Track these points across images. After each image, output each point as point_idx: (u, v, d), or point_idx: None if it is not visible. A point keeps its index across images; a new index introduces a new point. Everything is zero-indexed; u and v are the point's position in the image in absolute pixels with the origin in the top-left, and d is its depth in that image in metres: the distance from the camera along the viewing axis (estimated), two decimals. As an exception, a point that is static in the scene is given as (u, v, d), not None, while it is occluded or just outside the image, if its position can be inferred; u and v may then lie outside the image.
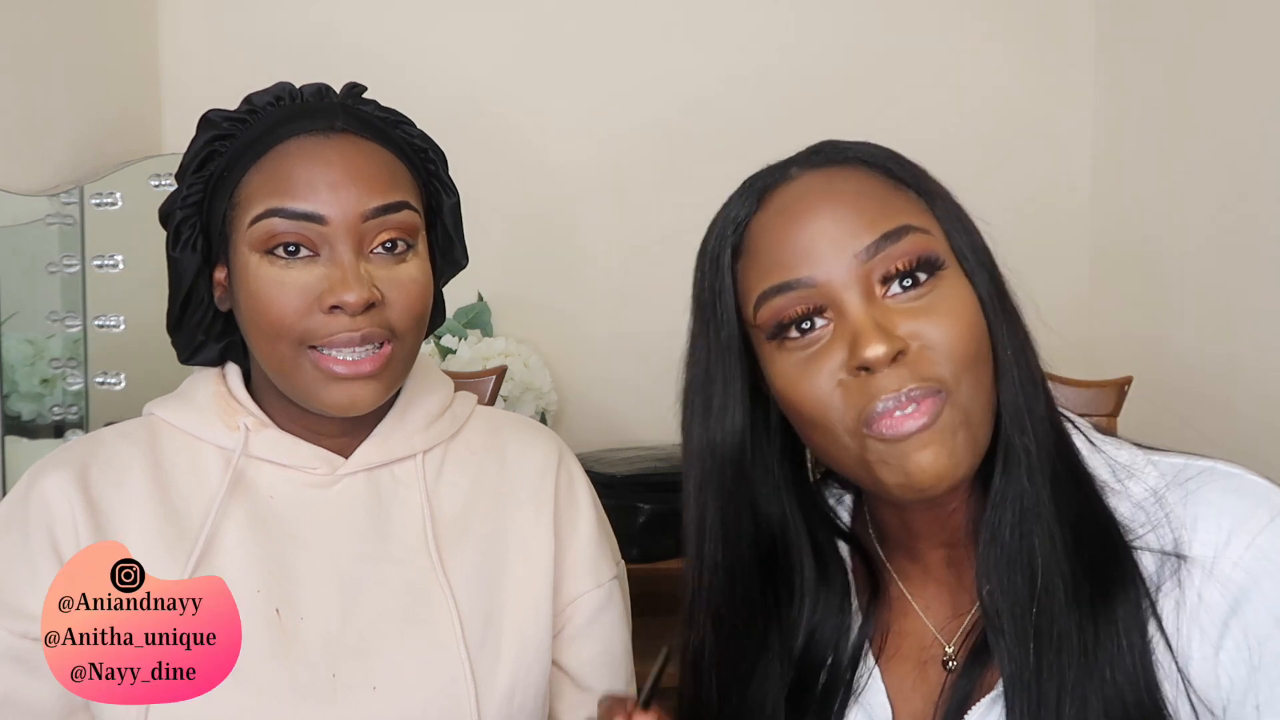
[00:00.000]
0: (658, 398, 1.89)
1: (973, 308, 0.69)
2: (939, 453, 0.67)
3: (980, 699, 0.70)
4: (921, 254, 0.69)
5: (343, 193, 0.80)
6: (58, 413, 1.41)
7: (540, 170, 1.82)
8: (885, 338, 0.66)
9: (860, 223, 0.69)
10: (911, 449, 0.66)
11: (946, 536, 0.75)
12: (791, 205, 0.72)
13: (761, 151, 2.10)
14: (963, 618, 0.75)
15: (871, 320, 0.67)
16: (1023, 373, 0.70)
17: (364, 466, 0.88)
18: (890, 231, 0.69)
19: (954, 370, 0.67)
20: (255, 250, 0.81)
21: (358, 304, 0.79)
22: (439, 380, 0.96)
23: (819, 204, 0.71)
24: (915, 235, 0.69)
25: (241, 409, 0.88)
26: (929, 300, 0.68)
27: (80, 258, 1.43)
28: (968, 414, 0.68)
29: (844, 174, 0.73)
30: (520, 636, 0.87)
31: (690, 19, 1.83)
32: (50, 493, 0.83)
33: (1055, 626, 0.67)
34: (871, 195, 0.71)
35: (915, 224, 0.70)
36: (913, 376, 0.66)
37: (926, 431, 0.66)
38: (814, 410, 0.69)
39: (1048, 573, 0.68)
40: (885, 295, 0.69)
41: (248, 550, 0.83)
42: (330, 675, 0.81)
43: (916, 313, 0.68)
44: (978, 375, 0.68)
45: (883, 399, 0.66)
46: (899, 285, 0.69)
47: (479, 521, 0.90)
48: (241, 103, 0.86)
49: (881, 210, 0.70)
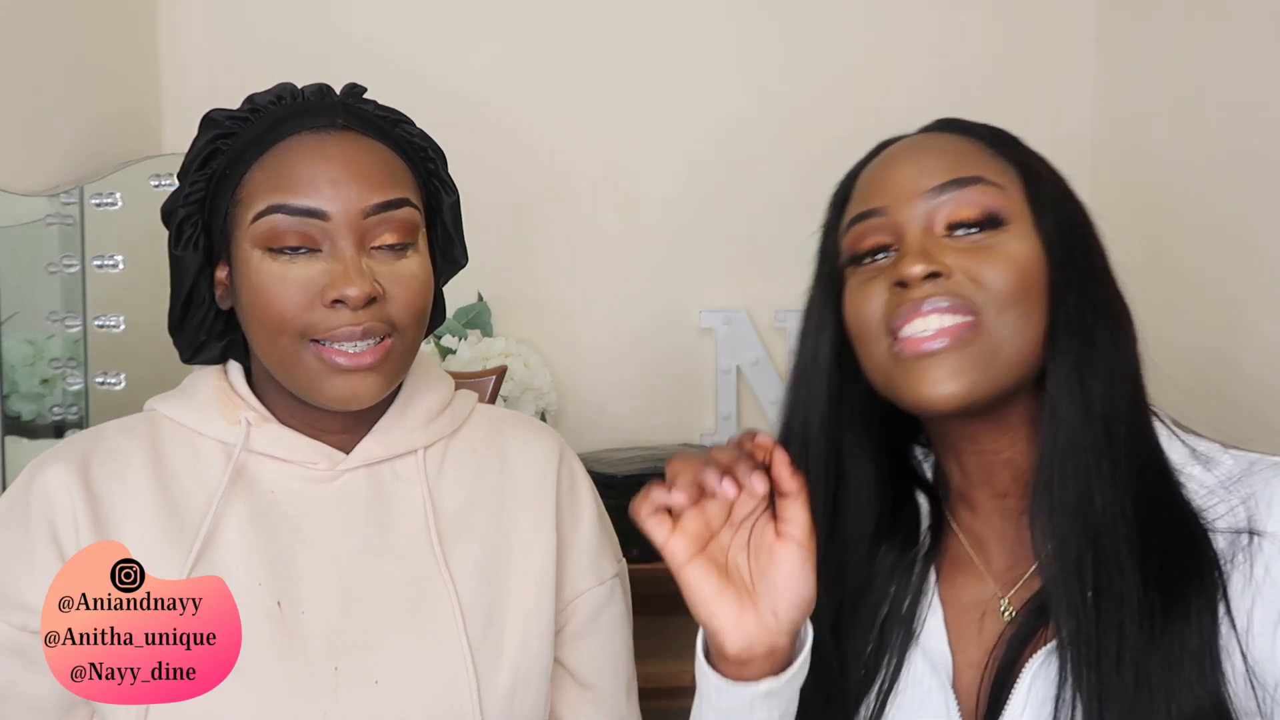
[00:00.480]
0: (658, 398, 1.89)
1: (1031, 263, 0.74)
2: (951, 374, 0.72)
3: (1036, 651, 0.73)
4: (988, 206, 0.75)
5: (344, 189, 0.81)
6: (58, 413, 1.41)
7: (541, 170, 1.82)
8: (926, 259, 0.73)
9: (937, 168, 0.76)
10: (928, 367, 0.72)
11: (1002, 486, 0.79)
12: (890, 155, 0.81)
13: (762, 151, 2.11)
14: (1021, 570, 0.78)
15: (920, 245, 0.74)
16: (1084, 339, 0.74)
17: (365, 462, 0.88)
18: (962, 178, 0.76)
19: (988, 300, 0.73)
20: (257, 246, 0.82)
21: (359, 298, 0.80)
22: (439, 377, 0.96)
23: (909, 152, 0.80)
24: (985, 187, 0.76)
25: (243, 404, 0.88)
26: (983, 245, 0.75)
27: (80, 258, 1.43)
28: (999, 347, 0.73)
29: (945, 136, 0.81)
30: (522, 632, 0.87)
31: (691, 19, 1.83)
32: (51, 486, 0.83)
33: (1116, 588, 0.70)
34: (958, 152, 0.78)
35: (990, 179, 0.76)
36: (943, 292, 0.73)
37: (946, 354, 0.72)
38: (859, 322, 0.77)
39: (1106, 535, 0.71)
40: (945, 235, 0.75)
41: (249, 544, 0.84)
42: (332, 669, 0.81)
43: (967, 251, 0.74)
44: (1020, 315, 0.73)
45: (908, 304, 0.73)
46: (961, 230, 0.75)
47: (481, 517, 0.90)
48: (243, 102, 0.87)
49: (960, 162, 0.77)
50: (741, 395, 1.84)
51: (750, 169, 1.84)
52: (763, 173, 1.84)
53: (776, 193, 1.84)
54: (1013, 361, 0.73)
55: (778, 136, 1.84)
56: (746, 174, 1.84)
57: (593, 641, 0.93)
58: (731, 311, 1.82)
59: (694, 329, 1.84)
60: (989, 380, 0.73)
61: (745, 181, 1.84)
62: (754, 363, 1.81)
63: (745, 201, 1.84)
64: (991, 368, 0.72)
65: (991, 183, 0.76)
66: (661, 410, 1.84)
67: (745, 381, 1.83)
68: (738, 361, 1.82)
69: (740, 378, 1.83)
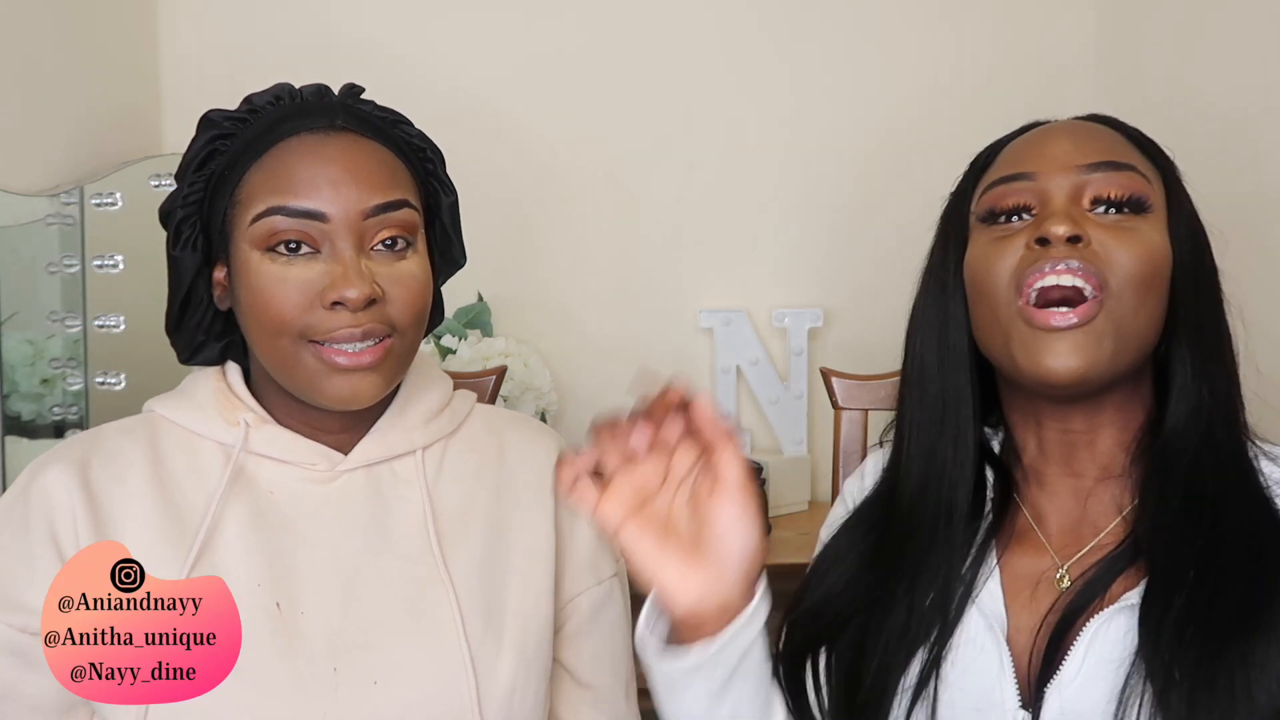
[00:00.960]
0: (658, 397, 1.89)
1: (1162, 255, 0.78)
2: (1074, 349, 0.75)
3: (1095, 615, 0.75)
4: (1135, 191, 0.78)
5: (344, 190, 0.81)
6: (58, 413, 1.41)
7: (541, 170, 1.82)
8: (1070, 222, 0.76)
9: (1092, 148, 0.79)
10: (1055, 340, 0.75)
11: (1078, 466, 0.82)
12: (1046, 130, 0.84)
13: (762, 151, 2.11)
14: (1082, 545, 0.80)
15: (1066, 210, 0.77)
16: (1206, 338, 0.79)
17: (364, 463, 0.88)
18: (1117, 162, 0.79)
19: (1119, 279, 0.75)
20: (256, 248, 0.82)
21: (359, 300, 0.80)
22: (438, 377, 0.96)
23: (1066, 130, 0.83)
24: (1135, 174, 0.79)
25: (241, 405, 0.88)
26: (1123, 226, 0.77)
27: (80, 258, 1.43)
28: (1119, 327, 0.75)
29: (1099, 126, 0.84)
30: (522, 632, 0.87)
31: (691, 18, 1.83)
32: (51, 487, 0.83)
33: (1216, 566, 0.72)
34: (1113, 140, 0.81)
35: (1140, 170, 0.79)
36: (1079, 257, 0.75)
37: (1075, 331, 0.74)
38: (984, 278, 0.79)
39: (1220, 514, 0.74)
40: (1089, 209, 0.78)
41: (248, 545, 0.84)
42: (331, 670, 0.81)
43: (1108, 228, 0.77)
44: (1144, 300, 0.76)
45: (1045, 260, 0.75)
46: (1104, 208, 0.78)
47: (480, 517, 0.90)
48: (242, 103, 0.87)
49: (1114, 148, 0.80)
50: (741, 395, 1.84)
51: (750, 169, 1.84)
52: (763, 173, 1.84)
53: (777, 193, 1.84)
54: (1131, 346, 0.76)
55: (778, 136, 1.84)
56: (746, 174, 1.84)
57: (592, 641, 0.93)
58: (731, 311, 1.82)
59: (693, 329, 1.84)
60: (1108, 360, 0.75)
61: (745, 181, 1.84)
62: (753, 363, 1.81)
63: (745, 201, 1.85)
64: (1111, 348, 0.75)
65: (1141, 174, 0.79)
66: (661, 410, 1.84)
67: (744, 381, 1.83)
68: (737, 361, 1.82)
69: (740, 377, 1.83)
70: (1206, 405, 0.78)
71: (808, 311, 1.81)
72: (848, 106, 1.84)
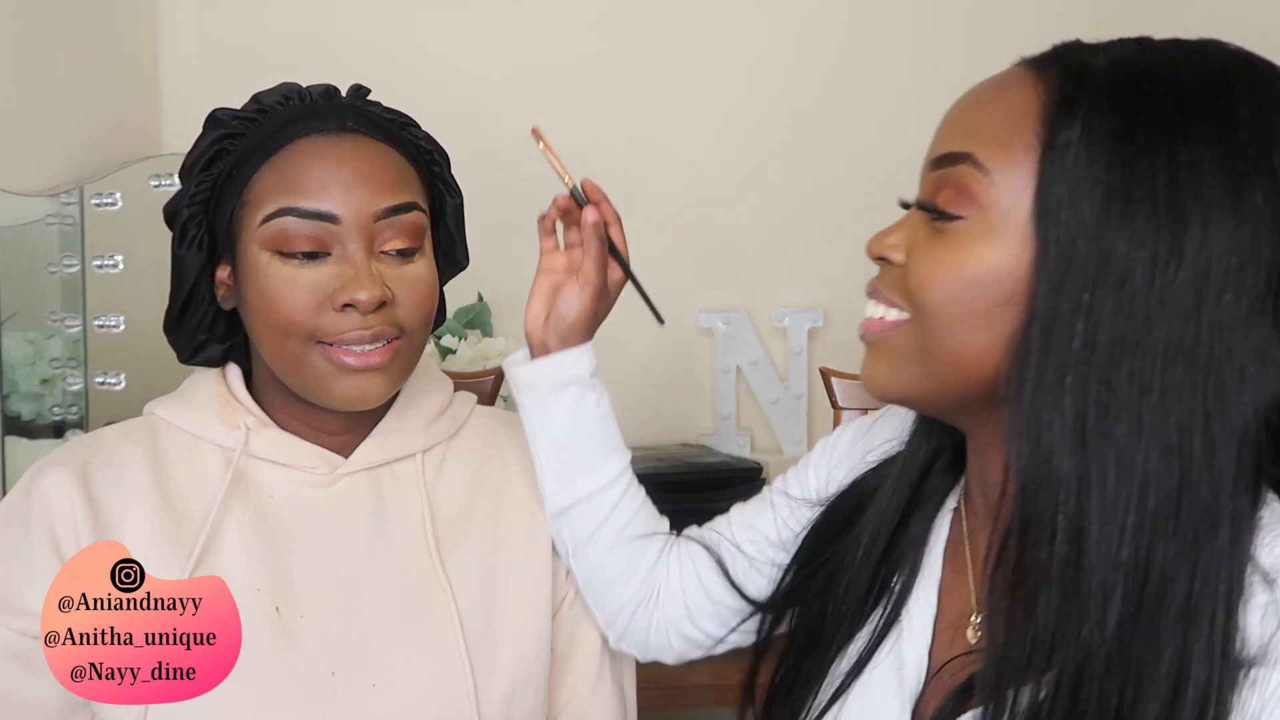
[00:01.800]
0: (657, 398, 1.89)
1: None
2: (876, 363, 0.70)
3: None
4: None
5: (355, 192, 0.81)
6: (58, 413, 1.41)
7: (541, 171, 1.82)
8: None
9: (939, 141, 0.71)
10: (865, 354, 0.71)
11: (975, 494, 0.73)
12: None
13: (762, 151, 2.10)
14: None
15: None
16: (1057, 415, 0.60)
17: (364, 466, 0.88)
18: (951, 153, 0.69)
19: (915, 301, 0.66)
20: (266, 248, 0.81)
21: (370, 302, 0.80)
22: (439, 380, 0.96)
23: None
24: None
25: (242, 408, 0.88)
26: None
27: (80, 258, 1.43)
28: (926, 346, 0.66)
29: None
30: (519, 634, 0.87)
31: (690, 18, 1.83)
32: (51, 490, 0.83)
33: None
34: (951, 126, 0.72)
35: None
36: (878, 288, 0.70)
37: (872, 342, 0.70)
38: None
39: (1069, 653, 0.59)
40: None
41: (248, 549, 0.84)
42: (330, 673, 0.81)
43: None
44: (954, 334, 0.64)
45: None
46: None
47: (479, 520, 0.90)
48: (249, 102, 0.86)
49: (948, 140, 0.69)
50: (741, 395, 1.84)
51: (751, 169, 1.84)
52: (763, 172, 1.84)
53: (777, 193, 1.84)
54: (945, 369, 0.68)
55: (778, 136, 1.84)
56: (747, 174, 1.84)
57: (568, 619, 0.93)
58: (731, 311, 1.82)
59: (694, 329, 1.84)
60: (915, 384, 0.70)
61: (745, 181, 1.84)
62: (753, 363, 1.81)
63: (745, 201, 1.84)
64: (918, 369, 0.69)
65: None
66: (661, 410, 1.84)
67: (745, 381, 1.83)
68: (737, 361, 1.82)
69: (740, 378, 1.83)
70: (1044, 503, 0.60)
71: (808, 311, 1.81)
72: (848, 106, 1.84)
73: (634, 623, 0.92)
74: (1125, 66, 0.62)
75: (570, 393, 0.89)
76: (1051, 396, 0.60)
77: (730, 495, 0.97)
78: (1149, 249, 0.58)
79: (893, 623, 0.75)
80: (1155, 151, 0.58)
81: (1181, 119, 0.59)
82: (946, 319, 0.64)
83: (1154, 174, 0.58)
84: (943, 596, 0.74)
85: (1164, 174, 0.58)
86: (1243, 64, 0.63)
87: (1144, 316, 0.58)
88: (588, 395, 0.90)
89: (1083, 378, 0.59)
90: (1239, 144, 0.58)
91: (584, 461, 0.90)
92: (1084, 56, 0.64)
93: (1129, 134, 0.59)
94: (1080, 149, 0.60)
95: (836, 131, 1.84)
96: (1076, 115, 0.60)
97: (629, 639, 0.93)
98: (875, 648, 0.75)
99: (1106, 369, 0.58)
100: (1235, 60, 0.63)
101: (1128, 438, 0.58)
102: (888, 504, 0.77)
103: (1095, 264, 0.59)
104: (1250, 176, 0.58)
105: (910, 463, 0.78)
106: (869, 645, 0.75)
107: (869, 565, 0.76)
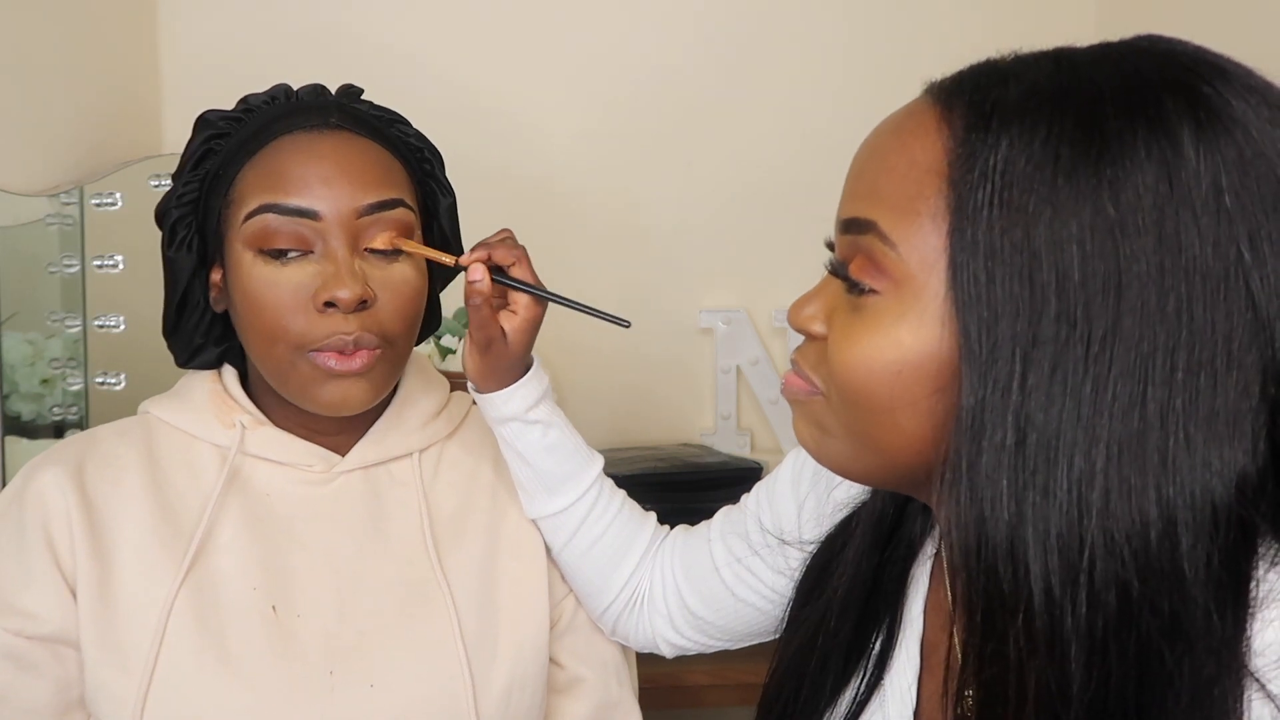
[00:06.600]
0: (657, 397, 1.89)
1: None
2: (804, 426, 0.63)
3: None
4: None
5: (336, 188, 0.80)
6: (58, 413, 1.41)
7: (540, 169, 1.82)
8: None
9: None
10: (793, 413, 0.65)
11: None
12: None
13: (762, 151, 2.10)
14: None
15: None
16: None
17: (361, 465, 0.88)
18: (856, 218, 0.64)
19: (837, 384, 0.59)
20: (249, 247, 0.81)
21: (351, 300, 0.79)
22: (436, 380, 0.96)
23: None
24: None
25: (237, 407, 0.88)
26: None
27: (80, 258, 1.43)
28: (847, 427, 0.60)
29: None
30: (517, 633, 0.87)
31: (690, 18, 1.83)
32: (46, 490, 0.83)
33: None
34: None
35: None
36: (798, 363, 0.65)
37: (793, 402, 0.64)
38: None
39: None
40: None
41: (244, 547, 0.83)
42: (327, 672, 0.81)
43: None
44: (878, 422, 0.58)
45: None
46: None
47: (476, 520, 0.90)
48: (238, 103, 0.86)
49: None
50: (741, 395, 1.83)
51: (751, 168, 1.84)
52: (763, 172, 1.84)
53: (777, 192, 1.84)
54: (865, 447, 0.63)
55: (779, 135, 1.84)
56: (747, 174, 1.84)
57: (578, 635, 0.93)
58: (731, 311, 1.81)
59: (694, 329, 1.84)
60: (840, 458, 0.65)
61: (745, 181, 1.84)
62: (754, 362, 1.81)
63: (745, 201, 1.84)
64: (836, 444, 0.64)
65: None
66: (661, 410, 1.84)
67: (745, 381, 1.83)
68: (737, 361, 1.81)
69: (740, 377, 1.83)
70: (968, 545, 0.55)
71: (808, 311, 1.80)
72: (848, 105, 1.83)
73: (621, 622, 0.93)
74: (1039, 94, 0.53)
75: (510, 427, 0.89)
76: (988, 494, 0.52)
77: (730, 495, 0.97)
78: (1080, 329, 0.50)
79: (875, 687, 0.69)
80: (1082, 211, 0.50)
81: (1110, 165, 0.50)
82: (870, 408, 0.57)
83: (1083, 239, 0.50)
84: (927, 653, 0.68)
85: (1094, 239, 0.50)
86: (1184, 73, 0.54)
87: (1079, 413, 0.50)
88: (529, 431, 0.88)
89: (1017, 478, 0.52)
90: (1182, 189, 0.50)
91: (538, 487, 0.90)
92: (992, 87, 0.55)
93: (1049, 189, 0.50)
94: (994, 213, 0.52)
95: (837, 131, 1.84)
96: (988, 172, 0.52)
97: (620, 635, 0.94)
98: (857, 716, 0.70)
99: (1045, 470, 0.51)
100: (1172, 69, 0.55)
101: (1071, 541, 0.51)
102: (856, 569, 0.72)
103: (1023, 348, 0.51)
104: (1194, 234, 0.49)
105: (873, 519, 0.72)
106: (850, 714, 0.70)
107: (846, 627, 0.71)
